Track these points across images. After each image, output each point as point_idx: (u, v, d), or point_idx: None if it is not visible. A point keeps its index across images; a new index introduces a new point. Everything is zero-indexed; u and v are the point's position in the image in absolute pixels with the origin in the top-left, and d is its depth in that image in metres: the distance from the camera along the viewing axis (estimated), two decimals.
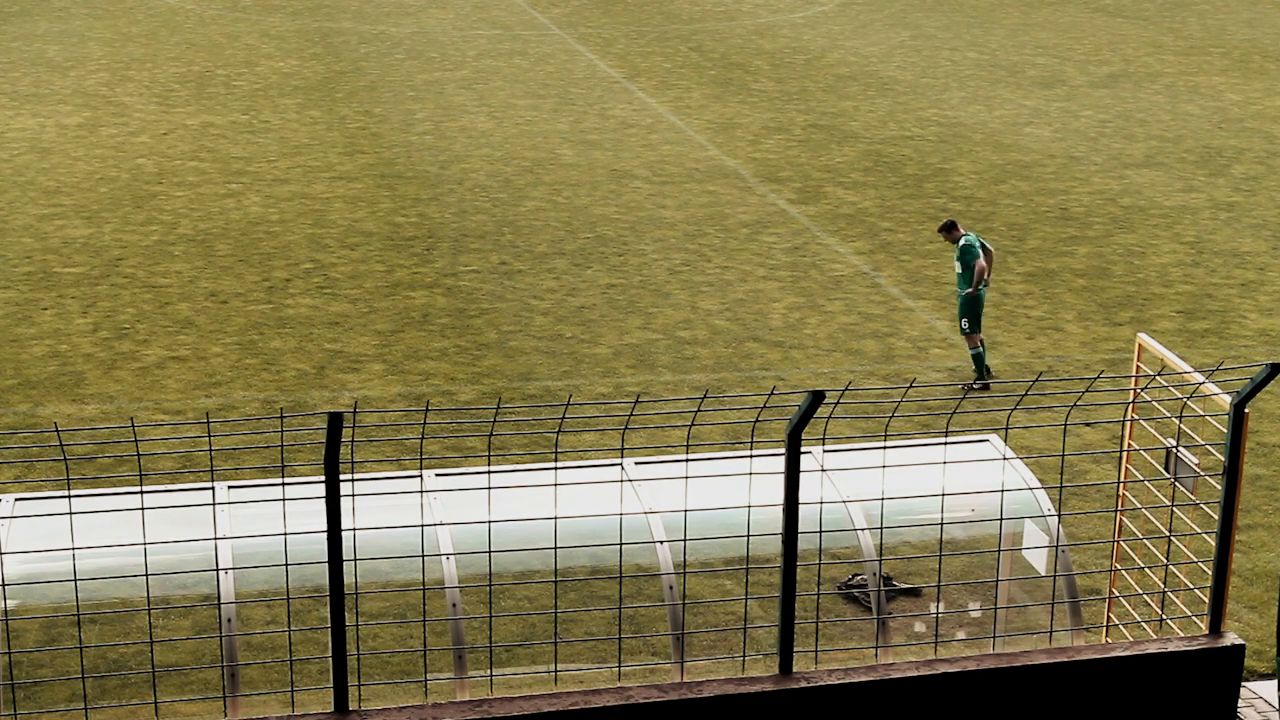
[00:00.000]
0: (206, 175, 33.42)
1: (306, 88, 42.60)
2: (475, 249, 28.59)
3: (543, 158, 35.30)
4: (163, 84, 42.66)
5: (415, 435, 20.05)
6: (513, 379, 22.77)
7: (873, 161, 35.68)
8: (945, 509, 12.71)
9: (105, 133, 36.94)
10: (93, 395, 21.91)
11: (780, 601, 12.25)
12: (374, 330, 24.49)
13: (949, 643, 14.22)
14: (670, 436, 19.66)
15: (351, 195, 32.08)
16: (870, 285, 27.03)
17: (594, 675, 13.63)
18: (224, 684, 12.01)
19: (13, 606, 12.73)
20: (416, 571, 12.27)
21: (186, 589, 13.58)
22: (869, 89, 43.71)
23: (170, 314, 25.03)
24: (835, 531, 12.73)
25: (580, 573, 15.68)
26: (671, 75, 45.30)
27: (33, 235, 28.96)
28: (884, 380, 22.85)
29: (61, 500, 11.97)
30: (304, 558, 11.73)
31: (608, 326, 24.82)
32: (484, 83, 43.67)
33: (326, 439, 11.14)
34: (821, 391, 11.35)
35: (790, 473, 11.90)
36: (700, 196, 32.42)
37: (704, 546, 12.79)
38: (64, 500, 11.83)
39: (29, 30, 50.06)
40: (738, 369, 23.28)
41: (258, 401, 21.73)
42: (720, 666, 13.52)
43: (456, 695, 12.32)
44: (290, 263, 27.68)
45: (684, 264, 27.95)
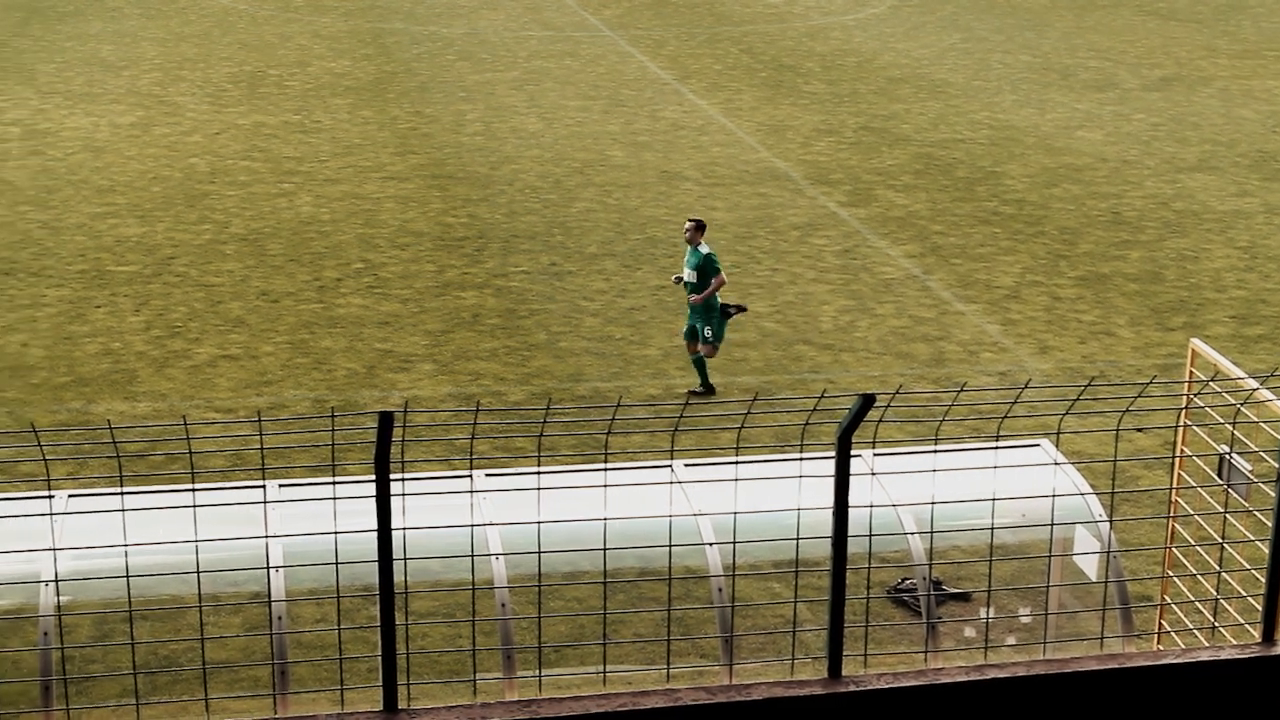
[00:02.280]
0: (258, 175, 33.57)
1: (358, 88, 42.74)
2: (525, 250, 28.63)
3: (593, 159, 35.32)
4: (215, 84, 42.88)
5: (465, 435, 20.09)
6: (562, 380, 22.79)
7: (924, 164, 35.57)
8: (996, 514, 12.65)
9: (158, 132, 37.15)
10: (145, 393, 22.03)
11: (829, 605, 12.21)
12: (424, 330, 24.55)
13: (999, 648, 14.15)
14: (720, 439, 19.63)
15: (402, 195, 32.17)
16: (921, 288, 26.95)
17: (642, 677, 13.62)
18: (274, 681, 12.04)
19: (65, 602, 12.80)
20: (466, 571, 12.28)
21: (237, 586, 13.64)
22: (920, 91, 43.58)
23: (222, 313, 25.15)
24: (885, 535, 12.67)
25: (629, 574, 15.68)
26: (722, 77, 45.26)
27: (86, 234, 29.15)
28: (934, 384, 22.77)
29: (114, 497, 12.02)
30: (354, 556, 11.75)
31: (657, 328, 24.81)
32: (535, 84, 43.73)
33: (377, 438, 11.16)
34: (872, 394, 11.31)
35: (840, 476, 11.86)
36: (750, 198, 32.38)
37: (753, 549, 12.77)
38: (116, 497, 11.88)
39: (83, 30, 50.38)
40: (787, 371, 23.24)
41: (308, 400, 21.82)
42: (769, 669, 13.49)
43: (505, 695, 12.32)
44: (341, 262, 27.77)
45: (734, 266, 27.91)
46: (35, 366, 22.85)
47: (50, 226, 29.53)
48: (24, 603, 12.52)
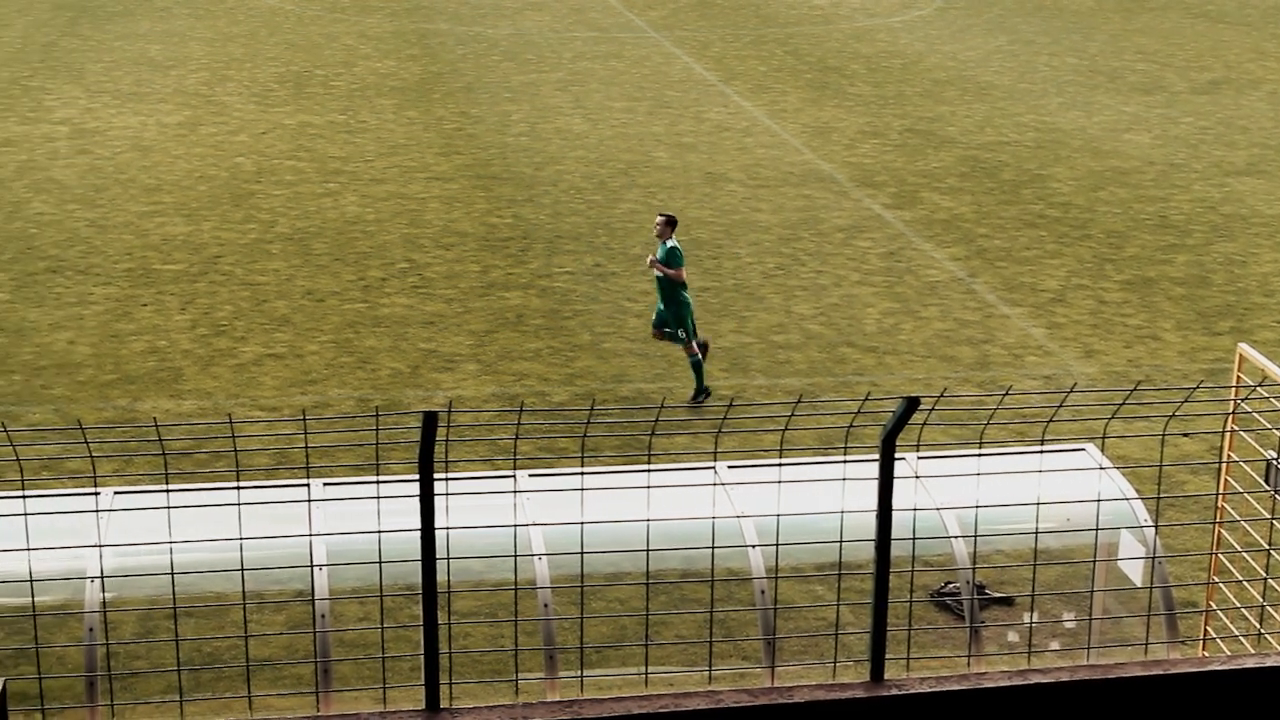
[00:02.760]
0: (304, 174, 33.70)
1: (404, 88, 42.86)
2: (570, 250, 28.65)
3: (638, 160, 35.33)
4: (262, 84, 43.05)
5: (509, 435, 20.12)
6: (606, 380, 22.80)
7: (969, 167, 35.46)
8: (1040, 518, 12.60)
9: (205, 131, 37.32)
10: (190, 391, 22.14)
11: (872, 608, 12.19)
12: (468, 330, 24.60)
13: (1042, 653, 14.10)
14: (763, 440, 19.59)
15: (447, 196, 32.24)
16: (965, 291, 26.87)
17: (684, 678, 13.62)
18: (316, 679, 12.08)
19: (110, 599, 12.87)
20: (508, 571, 12.30)
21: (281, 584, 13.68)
22: (966, 94, 43.44)
23: (267, 312, 25.25)
24: (928, 539, 12.64)
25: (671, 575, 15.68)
26: (767, 78, 45.21)
27: (133, 232, 29.30)
28: (979, 387, 22.70)
29: (159, 494, 12.08)
30: (397, 555, 11.78)
31: (701, 329, 24.79)
32: (580, 84, 43.77)
33: (421, 438, 11.18)
34: (916, 397, 11.27)
35: (884, 478, 11.83)
36: (795, 200, 32.33)
37: (796, 551, 12.73)
38: (162, 494, 11.94)
39: (131, 30, 50.66)
40: (831, 374, 23.20)
41: (352, 400, 21.88)
42: (811, 672, 13.47)
43: (547, 695, 12.33)
44: (386, 262, 27.85)
45: (778, 268, 27.88)
46: (82, 364, 22.98)
47: (98, 225, 29.70)
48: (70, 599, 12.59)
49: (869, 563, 12.27)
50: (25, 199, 31.30)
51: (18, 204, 30.92)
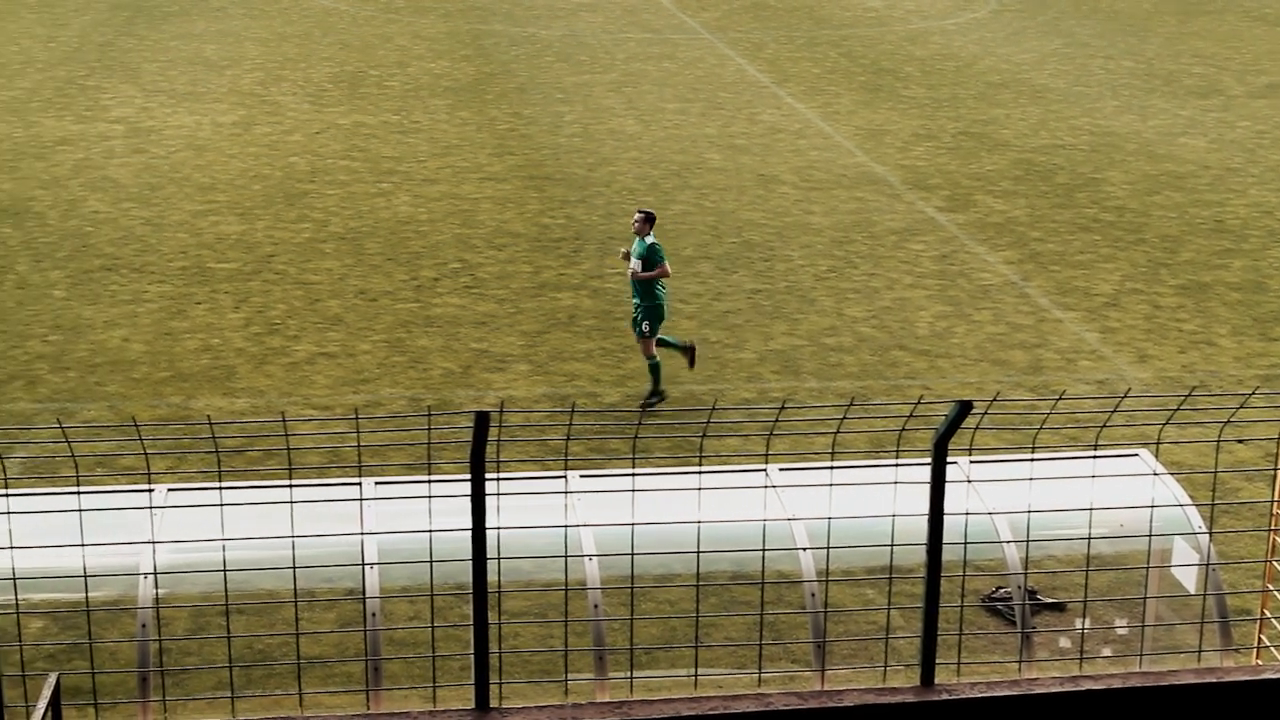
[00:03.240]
0: (357, 174, 33.81)
1: (457, 89, 42.96)
2: (622, 252, 28.64)
3: (690, 161, 35.31)
4: (316, 84, 43.23)
5: (560, 436, 20.14)
6: None
7: (1023, 170, 35.31)
8: (1093, 523, 12.53)
9: (259, 131, 37.50)
10: (243, 389, 22.24)
11: (923, 612, 12.14)
12: (520, 330, 24.63)
13: (1094, 659, 14.02)
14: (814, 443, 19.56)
15: (500, 196, 32.30)
16: (1019, 295, 26.75)
17: (733, 680, 13.60)
18: (366, 678, 12.12)
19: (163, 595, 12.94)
20: (558, 571, 12.31)
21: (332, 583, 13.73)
22: (1020, 97, 43.26)
23: (320, 311, 25.35)
24: (980, 543, 12.59)
25: (721, 577, 15.66)
26: (821, 81, 45.13)
27: (188, 231, 29.47)
28: (1031, 391, 22.59)
29: (212, 492, 12.14)
30: (448, 555, 11.80)
31: (753, 332, 24.77)
32: (633, 86, 43.78)
33: (473, 437, 11.20)
34: (969, 401, 11.23)
35: (936, 483, 11.79)
36: (848, 203, 32.26)
37: (847, 554, 12.70)
38: (214, 492, 12.00)
39: (187, 30, 50.95)
40: (883, 377, 23.14)
41: (404, 399, 21.94)
42: (861, 676, 13.44)
43: (596, 696, 12.34)
44: (438, 262, 27.92)
45: (830, 270, 27.82)
46: (136, 361, 23.12)
47: (153, 223, 29.88)
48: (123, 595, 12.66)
49: (920, 566, 12.23)
50: (81, 197, 31.52)
51: (74, 202, 31.14)
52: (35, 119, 38.12)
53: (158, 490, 12.51)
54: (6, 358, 23.11)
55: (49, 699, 10.42)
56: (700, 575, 12.35)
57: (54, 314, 24.93)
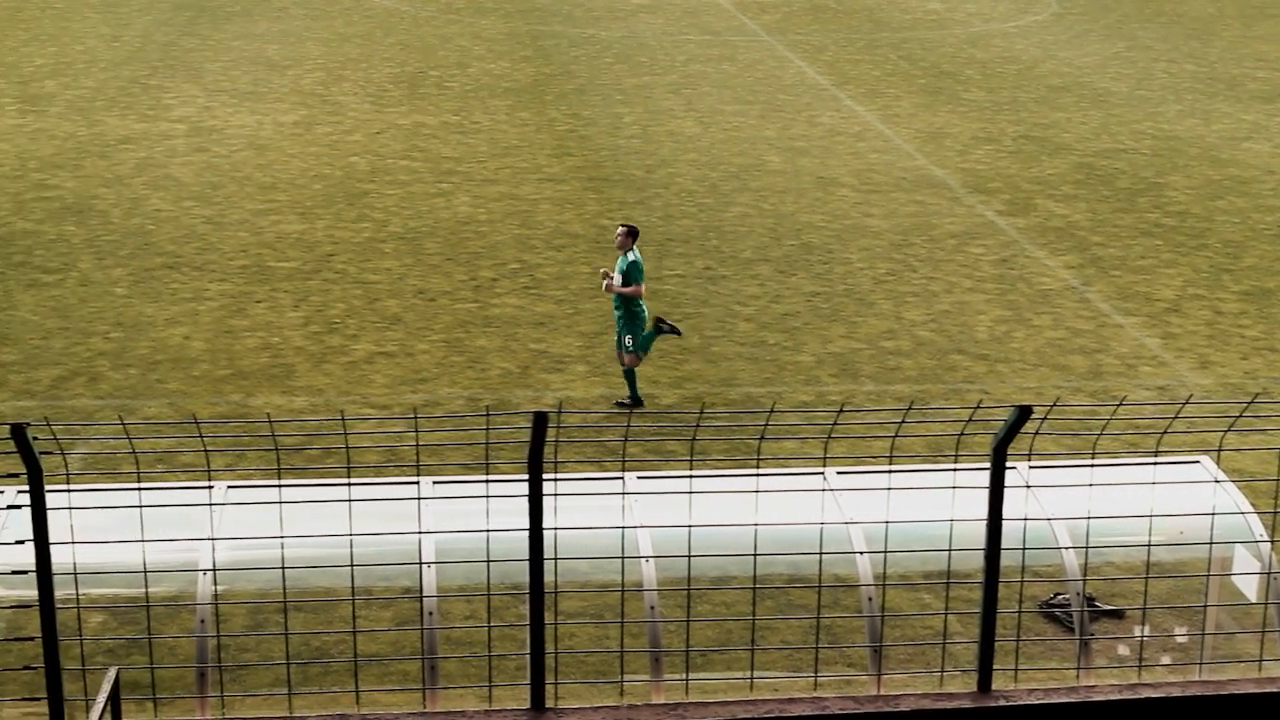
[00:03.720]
0: (417, 174, 33.93)
1: (517, 90, 43.05)
2: (680, 253, 28.65)
3: (749, 164, 35.27)
4: (377, 84, 43.40)
5: (617, 437, 20.14)
6: (715, 384, 22.77)
7: (1084, 174, 35.11)
8: (1153, 530, 12.45)
9: (320, 131, 37.68)
10: (302, 388, 22.34)
11: (980, 617, 12.09)
12: (578, 331, 24.65)
13: (1153, 667, 13.93)
14: (872, 447, 19.52)
15: (559, 197, 32.35)
16: (1079, 300, 26.60)
17: (789, 684, 13.57)
18: (423, 676, 12.15)
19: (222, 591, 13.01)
20: (615, 573, 12.31)
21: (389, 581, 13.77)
22: (1082, 100, 43.02)
23: (379, 310, 25.44)
24: (1039, 549, 12.52)
25: (778, 580, 15.63)
26: (880, 83, 45.00)
27: (248, 230, 29.63)
28: (1091, 397, 22.46)
29: (271, 489, 12.19)
30: (505, 555, 11.82)
31: (811, 334, 24.73)
32: (692, 88, 43.77)
33: (531, 438, 11.21)
34: (1029, 406, 11.17)
35: (995, 488, 11.73)
36: (907, 206, 32.16)
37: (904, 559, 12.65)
38: (274, 489, 12.05)
39: (249, 29, 51.24)
40: (942, 381, 23.05)
41: (462, 399, 21.99)
42: (917, 681, 13.38)
43: (651, 698, 12.33)
44: (497, 262, 27.98)
45: (889, 273, 27.74)
46: (196, 359, 23.26)
47: (214, 222, 30.06)
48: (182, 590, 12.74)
49: (977, 572, 12.18)
50: (144, 196, 31.73)
51: (136, 201, 31.36)
52: (99, 118, 38.42)
53: (217, 487, 12.58)
54: (69, 354, 23.29)
55: (108, 693, 10.49)
56: (757, 578, 12.32)
57: (116, 311, 25.11)
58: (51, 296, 25.70)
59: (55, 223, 29.75)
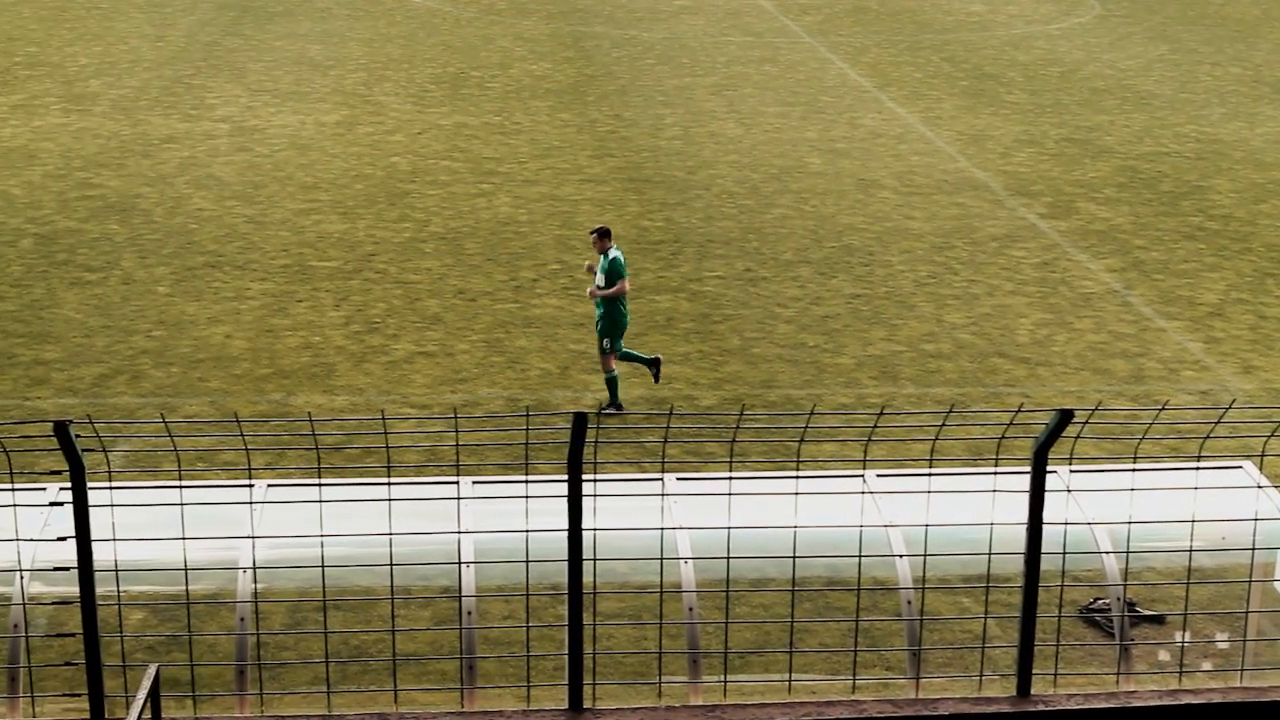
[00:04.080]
0: (458, 175, 33.99)
1: (558, 90, 43.09)
2: (720, 255, 28.64)
3: (790, 165, 35.23)
4: (419, 84, 43.50)
5: (656, 439, 20.14)
6: (754, 386, 22.75)
7: (1127, 177, 34.96)
8: (1194, 536, 12.39)
9: (362, 131, 37.78)
10: (343, 387, 22.41)
11: (1020, 622, 12.04)
12: None
13: (1193, 673, 13.85)
14: (912, 450, 19.48)
15: (599, 198, 32.36)
16: (1121, 304, 26.49)
17: (827, 686, 13.55)
18: (461, 676, 12.17)
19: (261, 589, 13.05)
20: (653, 574, 12.31)
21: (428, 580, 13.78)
22: (1125, 103, 42.84)
23: (419, 310, 25.50)
24: (1079, 554, 12.47)
25: (817, 583, 15.60)
26: (922, 85, 44.89)
27: (290, 229, 29.73)
28: (1133, 401, 22.36)
29: (311, 488, 12.23)
30: (544, 555, 11.83)
31: (851, 336, 24.68)
32: (733, 89, 43.74)
33: (571, 439, 11.22)
34: (1070, 410, 11.12)
35: (1035, 492, 11.69)
36: (949, 208, 32.07)
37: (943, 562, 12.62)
38: (314, 488, 12.09)
39: (292, 30, 51.42)
40: (982, 384, 22.98)
41: (502, 399, 22.01)
42: (956, 685, 13.34)
43: (689, 699, 12.32)
44: (538, 263, 28.01)
45: (930, 276, 27.67)
46: (238, 358, 23.35)
47: (256, 221, 30.17)
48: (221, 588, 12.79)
49: (1017, 576, 12.14)
50: (186, 195, 31.88)
51: (179, 200, 31.50)
52: (143, 117, 38.61)
53: (258, 485, 12.62)
54: (112, 352, 23.41)
55: (148, 690, 10.54)
56: (795, 580, 12.31)
57: (158, 310, 25.23)
58: (94, 295, 25.84)
59: (99, 221, 29.91)
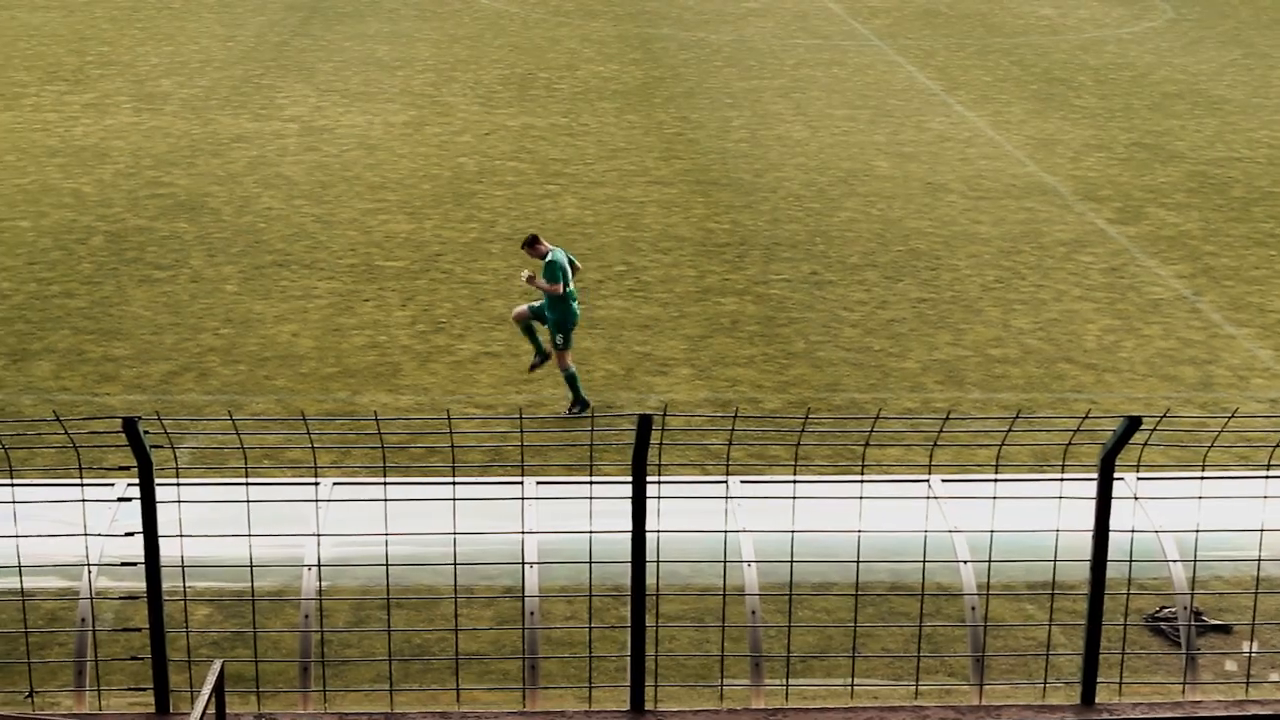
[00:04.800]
0: (525, 176, 34.07)
1: (625, 92, 43.12)
2: (786, 258, 28.59)
3: (857, 168, 35.14)
4: (486, 85, 43.63)
5: (721, 441, 20.12)
6: (819, 389, 22.70)
7: (1198, 182, 34.69)
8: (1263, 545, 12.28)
9: (430, 131, 37.93)
10: (408, 386, 22.49)
11: (1085, 630, 11.98)
12: (683, 335, 24.65)
13: (1261, 684, 13.72)
14: (977, 455, 19.38)
15: (666, 200, 32.37)
16: (1190, 310, 26.29)
17: (889, 692, 13.51)
18: (524, 675, 12.20)
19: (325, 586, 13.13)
20: (716, 576, 12.31)
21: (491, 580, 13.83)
22: (1197, 108, 42.50)
23: (485, 310, 25.57)
24: (1145, 561, 12.39)
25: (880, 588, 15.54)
26: (991, 89, 44.68)
27: (358, 229, 29.87)
28: (1201, 409, 22.18)
29: (376, 486, 12.29)
30: (607, 556, 11.86)
31: (917, 341, 24.59)
32: (801, 92, 43.66)
33: (635, 440, 11.23)
34: (1138, 417, 11.06)
35: (1102, 499, 11.63)
36: (1016, 213, 31.91)
37: (1008, 569, 12.56)
38: (379, 487, 12.15)
39: (361, 30, 51.67)
40: (1049, 390, 22.85)
41: (567, 400, 22.03)
42: (1019, 692, 13.26)
43: (751, 702, 12.32)
44: (603, 265, 28.03)
45: (997, 281, 27.54)
46: (304, 356, 23.48)
47: (323, 221, 30.33)
48: (286, 585, 12.87)
49: (1082, 583, 12.07)
50: (255, 194, 32.09)
51: (248, 199, 31.71)
52: (212, 116, 38.89)
53: (323, 483, 12.69)
54: (180, 350, 23.59)
55: (213, 685, 10.61)
56: (859, 584, 12.28)
57: (226, 308, 25.40)
58: (163, 293, 26.04)
59: (168, 220, 30.15)
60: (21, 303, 25.44)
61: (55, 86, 42.10)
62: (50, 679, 14.28)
